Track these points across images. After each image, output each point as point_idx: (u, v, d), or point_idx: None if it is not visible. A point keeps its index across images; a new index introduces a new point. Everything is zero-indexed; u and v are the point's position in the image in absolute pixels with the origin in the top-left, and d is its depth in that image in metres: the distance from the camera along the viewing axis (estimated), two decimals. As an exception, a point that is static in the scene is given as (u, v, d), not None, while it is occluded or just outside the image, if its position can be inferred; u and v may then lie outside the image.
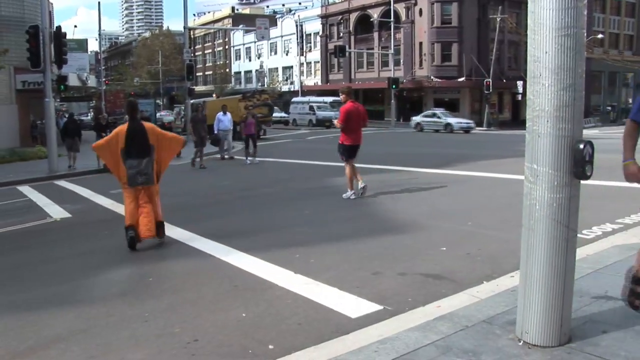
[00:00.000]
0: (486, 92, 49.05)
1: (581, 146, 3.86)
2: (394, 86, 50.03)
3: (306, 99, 59.01)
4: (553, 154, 3.88)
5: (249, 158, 21.24)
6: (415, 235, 8.52)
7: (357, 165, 12.27)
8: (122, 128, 8.66)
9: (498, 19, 50.79)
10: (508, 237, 7.97)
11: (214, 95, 55.66)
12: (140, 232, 8.50)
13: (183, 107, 37.11)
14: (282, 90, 72.97)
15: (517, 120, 54.02)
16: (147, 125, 8.78)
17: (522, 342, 4.15)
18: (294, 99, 59.91)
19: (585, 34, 3.87)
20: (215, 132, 23.09)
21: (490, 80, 48.66)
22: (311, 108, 54.75)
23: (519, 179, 12.98)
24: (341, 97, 12.41)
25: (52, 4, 40.69)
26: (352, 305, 5.57)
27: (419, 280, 6.30)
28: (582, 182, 4.01)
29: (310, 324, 5.18)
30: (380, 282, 6.27)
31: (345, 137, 11.98)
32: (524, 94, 30.05)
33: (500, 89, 54.91)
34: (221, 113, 23.25)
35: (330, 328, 5.03)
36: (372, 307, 5.49)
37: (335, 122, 12.23)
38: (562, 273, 3.99)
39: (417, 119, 46.73)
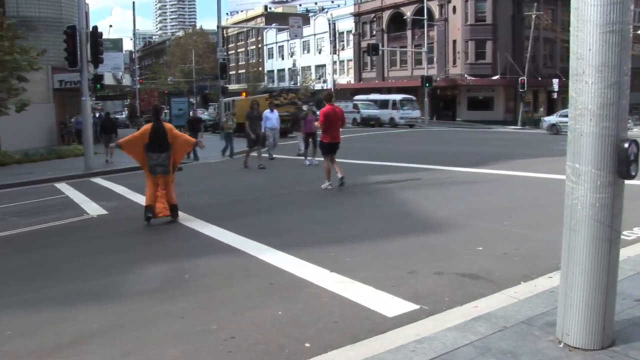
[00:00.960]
0: (521, 90, 48.42)
1: (626, 145, 3.78)
2: (427, 84, 49.70)
3: (373, 96, 54.77)
4: (596, 153, 3.81)
5: (308, 158, 19.80)
6: (451, 234, 8.45)
7: (391, 164, 12.33)
8: (147, 127, 10.57)
9: (533, 16, 50.08)
10: (545, 237, 7.87)
11: (242, 94, 55.75)
12: (156, 211, 10.38)
13: (217, 106, 37.24)
14: (315, 88, 72.97)
15: (553, 118, 53.31)
16: (167, 126, 10.67)
17: (562, 344, 4.09)
18: (358, 97, 55.73)
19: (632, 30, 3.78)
20: (263, 130, 22.30)
21: (525, 78, 48.02)
22: (355, 106, 52.04)
23: (556, 178, 12.84)
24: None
25: (87, 4, 41.32)
26: (388, 304, 5.55)
27: (455, 279, 6.24)
28: (626, 182, 3.93)
29: (346, 323, 5.17)
30: (416, 281, 6.23)
31: (324, 136, 13.63)
32: (560, 92, 29.81)
33: (535, 87, 54.18)
34: (268, 110, 22.22)
35: (367, 327, 5.02)
36: (409, 306, 5.46)
37: (316, 123, 14.31)
38: (604, 274, 3.91)
39: (551, 119, 38.67)
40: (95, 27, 22.78)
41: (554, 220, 8.67)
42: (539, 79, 53.44)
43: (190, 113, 30.42)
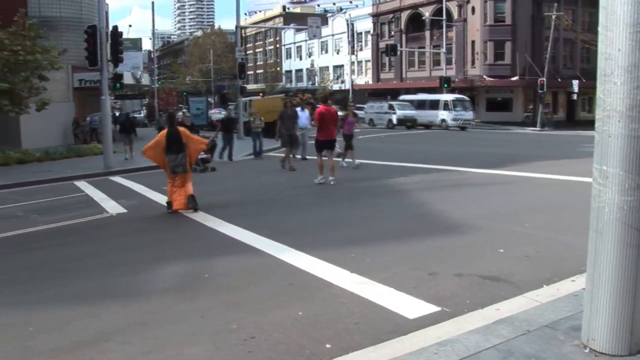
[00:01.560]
0: (540, 91, 48.04)
1: (655, 147, 3.72)
2: (445, 85, 49.47)
3: (421, 96, 50.89)
4: (625, 155, 3.75)
5: (345, 160, 18.33)
6: (471, 236, 8.39)
7: (408, 164, 12.36)
8: (164, 133, 11.97)
9: (553, 16, 49.70)
10: (567, 240, 7.82)
11: (260, 94, 55.87)
12: (174, 206, 11.61)
13: (235, 106, 37.33)
14: (333, 89, 72.95)
15: (572, 120, 52.94)
16: (181, 129, 12.18)
17: (588, 349, 4.03)
18: (403, 97, 52.35)
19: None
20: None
21: (544, 79, 47.65)
22: (391, 107, 48.40)
23: (577, 180, 12.74)
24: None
25: (107, 4, 41.62)
26: (409, 305, 5.51)
27: (476, 281, 6.19)
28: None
29: (367, 324, 5.14)
30: (436, 283, 6.19)
31: (319, 134, 14.71)
32: (580, 93, 29.36)
33: (555, 89, 53.82)
34: (299, 109, 21.74)
35: (388, 328, 4.99)
36: (430, 308, 5.42)
37: (312, 122, 16.14)
38: (632, 279, 3.85)
39: None
40: (115, 27, 22.95)
41: (575, 222, 8.63)
42: (559, 80, 53.04)
43: (224, 113, 29.97)
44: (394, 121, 47.16)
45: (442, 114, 45.97)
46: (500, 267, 6.66)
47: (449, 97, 47.15)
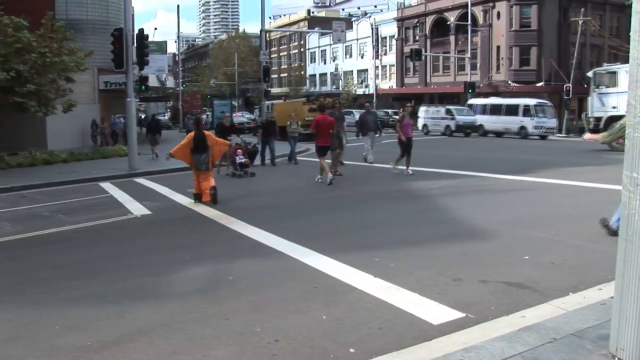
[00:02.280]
0: (566, 97, 47.59)
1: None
2: (470, 90, 49.15)
3: (494, 100, 45.50)
4: (656, 162, 3.70)
5: (398, 167, 17.34)
6: (495, 242, 8.34)
7: (432, 170, 12.33)
8: (191, 135, 13.46)
9: (580, 22, 49.22)
10: (594, 248, 7.73)
11: (282, 98, 56.01)
12: (203, 198, 13.17)
13: (259, 109, 37.44)
14: (357, 93, 72.94)
15: (598, 127, 52.30)
16: (206, 133, 13.71)
17: (616, 358, 3.98)
18: (472, 100, 46.83)
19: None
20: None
21: (570, 85, 47.15)
22: (449, 112, 43.81)
23: (604, 187, 12.59)
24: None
25: (133, 7, 42.06)
26: (434, 311, 5.49)
27: (501, 288, 6.15)
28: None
29: (391, 329, 5.12)
30: (461, 289, 6.16)
31: (317, 140, 16.27)
32: (606, 100, 28.44)
33: (581, 95, 53.17)
34: (364, 111, 21.14)
35: (412, 334, 4.97)
36: (454, 314, 5.39)
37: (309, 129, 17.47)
38: (662, 288, 3.80)
39: None
40: (141, 30, 23.09)
41: (601, 230, 8.53)
42: (585, 86, 52.46)
43: (263, 116, 29.44)
44: (453, 127, 42.71)
45: (522, 121, 40.73)
46: (525, 274, 6.61)
47: (530, 101, 42.06)
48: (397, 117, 18.07)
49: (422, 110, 46.98)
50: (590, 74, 32.21)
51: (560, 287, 6.01)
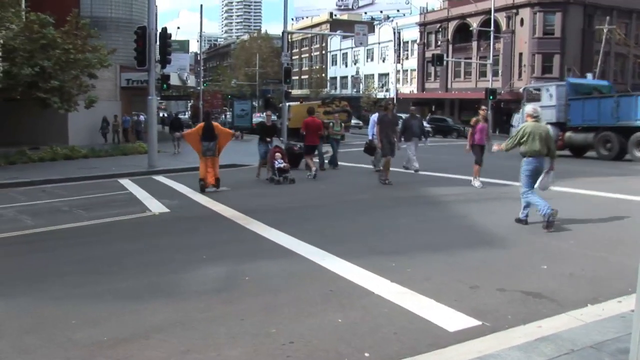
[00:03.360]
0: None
1: None
2: (491, 97, 48.87)
3: None
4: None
5: (479, 179, 15.47)
6: (514, 250, 8.28)
7: (450, 175, 12.26)
8: (201, 125, 15.73)
9: (605, 30, 48.80)
10: (614, 259, 7.67)
11: (300, 100, 56.15)
12: (206, 181, 15.17)
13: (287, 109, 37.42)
14: (377, 97, 72.84)
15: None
16: (215, 124, 15.81)
17: (635, 372, 3.92)
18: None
19: None
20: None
21: (593, 93, 46.77)
22: None
23: (627, 198, 12.39)
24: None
25: (157, 6, 42.37)
26: (449, 318, 5.46)
27: (518, 297, 6.10)
28: None
29: (406, 335, 5.10)
30: (478, 297, 6.11)
31: (306, 140, 18.79)
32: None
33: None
34: (409, 116, 19.98)
35: (427, 340, 4.95)
36: (470, 321, 5.36)
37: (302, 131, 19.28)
38: (684, 302, 3.74)
39: None
40: (164, 29, 23.24)
41: (622, 241, 8.47)
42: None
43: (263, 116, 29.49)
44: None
45: None
46: (543, 283, 6.55)
47: None
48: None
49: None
50: (522, 89, 33.38)
51: (579, 298, 5.95)
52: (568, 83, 28.80)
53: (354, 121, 54.08)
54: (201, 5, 65.27)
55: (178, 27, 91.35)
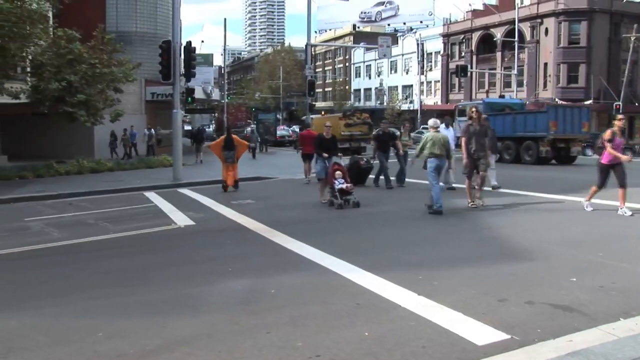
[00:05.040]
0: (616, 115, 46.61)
1: None
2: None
3: None
4: None
5: (625, 208, 12.33)
6: (542, 263, 8.13)
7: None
8: (223, 137, 19.57)
9: (632, 38, 48.26)
10: (646, 272, 7.49)
11: (322, 112, 56.39)
12: (228, 184, 18.54)
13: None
14: (402, 109, 72.70)
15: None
16: (234, 136, 19.53)
17: (671, 388, 3.82)
18: None
19: None
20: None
21: (620, 103, 46.25)
22: None
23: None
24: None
25: (181, 20, 42.79)
26: (478, 331, 5.37)
27: (547, 310, 5.98)
28: None
29: (434, 348, 5.03)
30: (506, 310, 6.01)
31: (303, 149, 21.10)
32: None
33: (631, 113, 52.12)
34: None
35: (456, 354, 4.88)
36: (499, 335, 5.27)
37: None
38: None
39: None
40: (189, 42, 23.40)
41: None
42: (636, 104, 51.42)
43: (285, 129, 30.06)
44: None
45: None
46: (572, 296, 6.42)
47: None
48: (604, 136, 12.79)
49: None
50: (454, 106, 39.95)
51: (610, 312, 5.82)
52: (484, 102, 35.01)
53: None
54: (225, 19, 66.09)
55: (202, 41, 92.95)
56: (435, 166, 12.79)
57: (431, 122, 13.41)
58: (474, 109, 14.00)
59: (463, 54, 67.65)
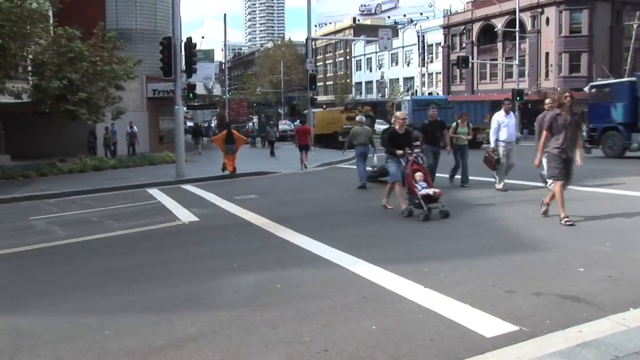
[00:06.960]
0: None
1: None
2: (518, 98, 48.25)
3: None
4: None
5: None
6: (549, 254, 8.08)
7: (481, 179, 12.12)
8: (225, 132, 23.13)
9: (635, 26, 48.00)
10: (653, 261, 7.44)
11: (324, 106, 56.33)
12: (229, 169, 21.70)
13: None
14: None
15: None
16: (233, 131, 23.37)
17: (684, 377, 3.79)
18: None
19: None
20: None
21: (622, 92, 46.04)
22: None
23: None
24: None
25: (181, 16, 42.74)
26: (486, 323, 5.33)
27: (555, 301, 5.94)
28: None
29: (442, 341, 4.99)
30: (514, 301, 5.97)
31: (299, 141, 25.60)
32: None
33: (634, 102, 51.96)
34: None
35: (464, 346, 4.84)
36: (507, 327, 5.22)
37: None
38: None
39: None
40: (189, 38, 23.37)
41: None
42: None
43: (287, 123, 30.87)
44: None
45: None
46: (580, 287, 6.37)
47: None
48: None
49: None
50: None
51: (619, 302, 5.76)
52: (412, 99, 43.30)
53: (383, 126, 53.84)
54: (225, 14, 65.90)
55: (202, 37, 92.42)
56: (360, 153, 16.94)
57: (357, 118, 18.60)
58: (567, 94, 10.39)
59: (464, 45, 67.48)
